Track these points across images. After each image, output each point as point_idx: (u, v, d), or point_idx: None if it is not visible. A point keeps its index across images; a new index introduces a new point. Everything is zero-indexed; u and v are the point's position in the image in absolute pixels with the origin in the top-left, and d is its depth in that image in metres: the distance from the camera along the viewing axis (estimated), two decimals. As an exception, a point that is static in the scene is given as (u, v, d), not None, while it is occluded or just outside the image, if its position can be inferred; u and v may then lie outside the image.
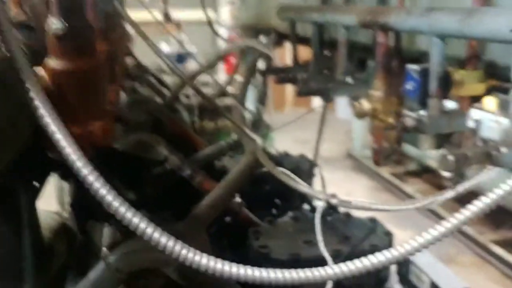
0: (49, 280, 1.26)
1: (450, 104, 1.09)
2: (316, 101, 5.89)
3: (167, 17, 3.85)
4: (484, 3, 1.03)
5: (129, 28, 2.86)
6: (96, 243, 1.30)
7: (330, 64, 1.79)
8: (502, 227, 4.69)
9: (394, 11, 1.16)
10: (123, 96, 2.17)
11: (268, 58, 2.58)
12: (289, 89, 8.63)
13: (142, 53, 3.12)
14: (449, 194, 1.02)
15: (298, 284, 0.87)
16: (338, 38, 1.50)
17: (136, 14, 3.71)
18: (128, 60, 3.02)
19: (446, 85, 1.06)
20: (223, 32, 5.78)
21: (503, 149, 0.82)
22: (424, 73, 1.10)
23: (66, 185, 1.81)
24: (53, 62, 0.85)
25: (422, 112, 1.11)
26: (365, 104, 1.28)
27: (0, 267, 1.18)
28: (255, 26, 2.97)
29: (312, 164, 2.20)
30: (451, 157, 0.82)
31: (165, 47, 4.73)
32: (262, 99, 2.73)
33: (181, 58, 4.47)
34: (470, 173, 0.98)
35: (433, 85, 1.04)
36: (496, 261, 4.40)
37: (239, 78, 3.73)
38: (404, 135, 1.15)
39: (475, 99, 1.13)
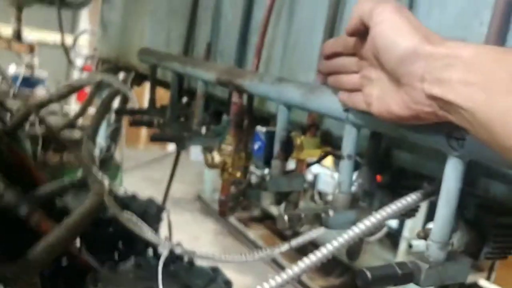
0: None
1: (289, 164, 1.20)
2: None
3: (19, 36, 3.59)
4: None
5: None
6: None
7: (186, 112, 1.83)
8: (331, 274, 5.11)
9: (248, 75, 1.25)
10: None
11: (125, 97, 2.55)
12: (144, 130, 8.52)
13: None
14: (284, 247, 1.10)
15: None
16: (196, 89, 1.56)
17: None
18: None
19: (288, 148, 1.17)
20: (78, 60, 5.55)
21: (331, 212, 0.93)
22: (270, 135, 1.20)
23: None
24: None
25: (266, 171, 1.20)
26: (216, 157, 1.34)
27: None
28: (115, 62, 2.92)
29: (160, 209, 2.20)
30: (285, 217, 0.90)
31: (13, 69, 4.37)
32: (114, 137, 2.66)
33: (30, 82, 4.17)
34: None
35: (277, 147, 1.15)
36: (325, 307, 4.77)
37: (91, 110, 3.60)
38: (252, 192, 1.23)
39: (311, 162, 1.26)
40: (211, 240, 5.92)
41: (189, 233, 5.39)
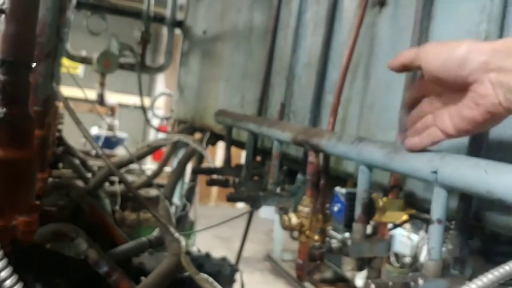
0: None
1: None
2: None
3: (101, 100, 3.84)
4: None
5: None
6: None
7: (261, 171, 1.84)
8: None
9: (325, 135, 1.24)
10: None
11: (201, 156, 2.62)
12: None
13: (69, 132, 3.07)
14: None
15: None
16: (272, 149, 1.57)
17: (69, 91, 3.65)
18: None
19: (370, 211, 1.13)
20: (155, 121, 5.83)
21: (420, 281, 0.87)
22: (350, 197, 1.17)
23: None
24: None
25: (346, 235, 1.16)
26: (293, 218, 1.32)
27: None
28: (191, 123, 3.03)
29: (234, 269, 2.17)
30: (372, 286, 0.85)
31: (95, 130, 4.66)
32: (189, 196, 2.71)
33: (111, 142, 4.41)
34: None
35: (358, 210, 1.10)
36: None
37: (167, 169, 3.71)
38: (332, 258, 1.19)
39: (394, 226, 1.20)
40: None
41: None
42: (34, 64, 0.91)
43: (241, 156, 3.29)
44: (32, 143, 0.88)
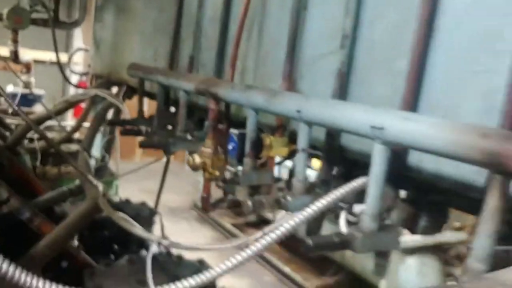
0: None
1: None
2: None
3: (16, 57, 3.75)
4: (289, 87, 1.35)
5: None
6: None
7: (172, 121, 2.00)
8: (324, 274, 5.24)
9: (222, 84, 1.42)
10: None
11: (118, 109, 2.72)
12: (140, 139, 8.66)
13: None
14: (258, 234, 1.25)
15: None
16: (180, 100, 1.73)
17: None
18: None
19: (259, 147, 1.33)
20: (74, 77, 5.72)
21: (289, 197, 1.09)
22: (241, 137, 1.37)
23: None
24: None
25: (239, 168, 1.36)
26: (197, 159, 1.50)
27: None
28: (108, 77, 3.08)
29: (152, 212, 2.35)
30: (249, 203, 1.06)
31: (11, 88, 4.52)
32: (108, 148, 2.82)
33: (28, 100, 4.32)
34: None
35: (248, 147, 1.31)
36: (319, 305, 4.91)
37: (87, 124, 3.75)
38: (227, 187, 1.39)
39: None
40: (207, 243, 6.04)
41: (186, 241, 5.51)
42: None
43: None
44: None
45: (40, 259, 1.40)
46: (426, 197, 1.05)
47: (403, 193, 1.10)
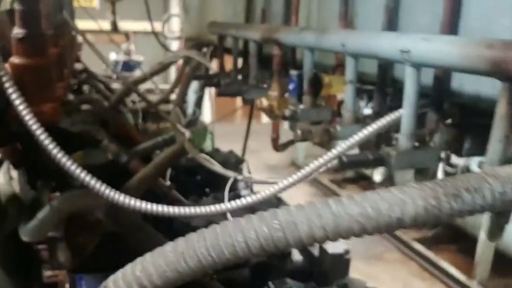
0: (2, 240, 1.51)
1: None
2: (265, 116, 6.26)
3: (115, 27, 4.12)
4: (345, 26, 1.41)
5: (79, 37, 3.13)
6: (43, 198, 1.57)
7: (247, 72, 2.13)
8: (423, 227, 5.18)
9: (282, 29, 1.51)
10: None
11: (206, 68, 2.92)
12: (239, 104, 8.99)
13: (93, 61, 3.40)
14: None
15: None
16: (250, 50, 1.86)
17: (87, 24, 3.96)
18: (78, 66, 3.29)
19: (317, 86, 1.42)
20: (174, 43, 6.08)
21: (338, 127, 1.18)
22: (300, 77, 1.46)
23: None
24: (16, 60, 1.15)
25: (300, 106, 1.47)
26: (264, 102, 1.63)
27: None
28: (197, 39, 3.29)
29: (239, 160, 2.54)
30: (299, 131, 1.17)
31: (113, 56, 4.97)
32: (199, 103, 3.06)
33: (129, 66, 4.74)
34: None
35: (306, 85, 1.40)
36: (417, 256, 4.89)
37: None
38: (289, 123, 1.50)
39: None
40: (306, 201, 6.23)
41: (285, 195, 5.73)
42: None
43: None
44: (47, 54, 1.20)
45: (134, 190, 1.63)
46: (469, 120, 1.09)
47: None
